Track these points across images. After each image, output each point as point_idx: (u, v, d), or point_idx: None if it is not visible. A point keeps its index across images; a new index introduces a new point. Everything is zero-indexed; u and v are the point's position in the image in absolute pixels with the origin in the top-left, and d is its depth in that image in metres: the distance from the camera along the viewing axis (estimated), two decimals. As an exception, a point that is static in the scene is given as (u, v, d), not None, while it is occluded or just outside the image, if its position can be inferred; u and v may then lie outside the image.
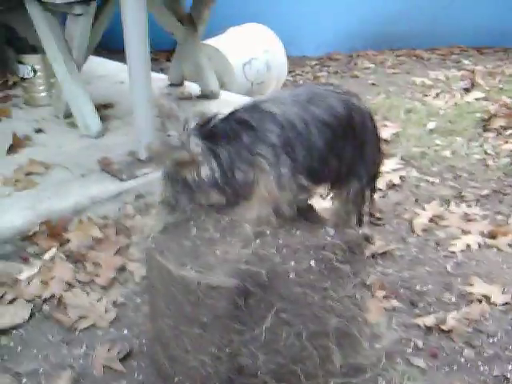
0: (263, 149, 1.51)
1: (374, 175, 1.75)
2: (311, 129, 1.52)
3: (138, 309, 2.06)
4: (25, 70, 3.56)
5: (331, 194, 1.76)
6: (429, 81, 4.58)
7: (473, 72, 4.67)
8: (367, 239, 2.31)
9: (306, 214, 1.70)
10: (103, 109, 3.51)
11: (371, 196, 1.78)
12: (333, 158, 1.58)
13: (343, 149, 1.59)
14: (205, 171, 1.51)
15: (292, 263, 1.50)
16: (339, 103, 1.56)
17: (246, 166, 1.52)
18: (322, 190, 1.74)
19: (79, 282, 2.16)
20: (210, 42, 4.21)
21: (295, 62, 5.30)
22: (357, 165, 1.63)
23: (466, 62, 5.21)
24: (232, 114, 1.56)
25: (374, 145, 1.67)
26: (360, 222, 1.75)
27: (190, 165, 1.51)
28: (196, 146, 1.49)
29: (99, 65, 4.42)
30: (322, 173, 1.60)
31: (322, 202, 2.57)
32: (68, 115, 3.33)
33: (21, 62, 3.56)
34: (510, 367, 1.78)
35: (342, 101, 1.57)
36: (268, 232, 1.58)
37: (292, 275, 1.48)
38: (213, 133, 1.53)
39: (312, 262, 1.51)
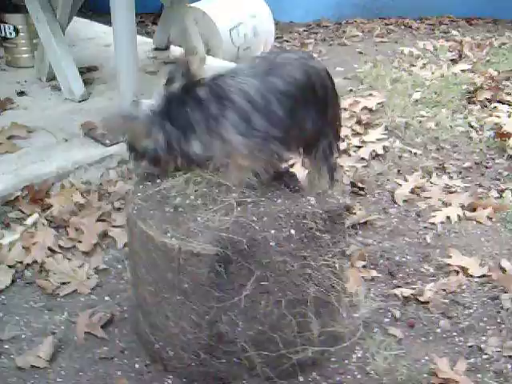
0: (227, 122, 1.54)
1: (337, 129, 1.75)
2: (270, 99, 1.53)
3: (120, 275, 2.08)
4: (7, 30, 3.49)
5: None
6: (417, 51, 4.55)
7: (461, 43, 4.66)
8: (348, 209, 2.32)
9: (288, 183, 1.71)
10: (88, 72, 3.46)
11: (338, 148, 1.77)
12: (297, 125, 1.59)
13: (307, 114, 1.59)
14: (149, 143, 1.60)
15: (272, 231, 1.51)
16: (298, 70, 1.57)
17: (208, 137, 1.57)
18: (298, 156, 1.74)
19: (61, 247, 2.17)
20: (198, 5, 4.15)
21: (283, 28, 5.25)
22: (323, 126, 1.64)
23: (455, 32, 5.19)
24: (192, 88, 1.59)
25: (335, 101, 1.68)
26: (332, 177, 1.73)
27: (143, 135, 1.60)
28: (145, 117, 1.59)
29: (85, 27, 4.34)
30: (287, 140, 1.60)
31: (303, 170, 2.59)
32: (51, 78, 3.29)
33: (2, 21, 3.48)
34: (484, 338, 1.82)
35: (301, 67, 1.58)
36: (249, 200, 1.59)
37: (272, 243, 1.50)
38: (171, 105, 1.59)
39: (292, 231, 1.53)
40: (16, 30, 3.49)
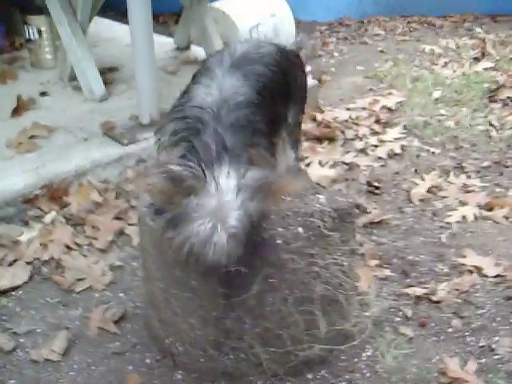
0: None
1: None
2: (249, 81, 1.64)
3: (134, 272, 2.11)
4: (30, 32, 3.56)
5: None
6: (439, 49, 4.50)
7: (484, 41, 4.59)
8: (358, 207, 2.32)
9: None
10: (108, 72, 3.50)
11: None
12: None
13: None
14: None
15: (280, 229, 1.52)
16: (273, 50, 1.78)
17: None
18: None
19: (78, 245, 2.21)
20: (217, 4, 4.17)
21: (304, 27, 5.23)
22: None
23: (479, 30, 5.11)
24: None
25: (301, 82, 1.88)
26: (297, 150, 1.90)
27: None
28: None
29: (107, 27, 4.39)
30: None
31: (320, 169, 2.61)
32: (73, 78, 3.34)
33: (26, 24, 3.55)
34: (496, 338, 1.80)
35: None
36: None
37: (279, 241, 1.51)
38: None
39: (300, 229, 1.54)
40: (39, 32, 3.55)
